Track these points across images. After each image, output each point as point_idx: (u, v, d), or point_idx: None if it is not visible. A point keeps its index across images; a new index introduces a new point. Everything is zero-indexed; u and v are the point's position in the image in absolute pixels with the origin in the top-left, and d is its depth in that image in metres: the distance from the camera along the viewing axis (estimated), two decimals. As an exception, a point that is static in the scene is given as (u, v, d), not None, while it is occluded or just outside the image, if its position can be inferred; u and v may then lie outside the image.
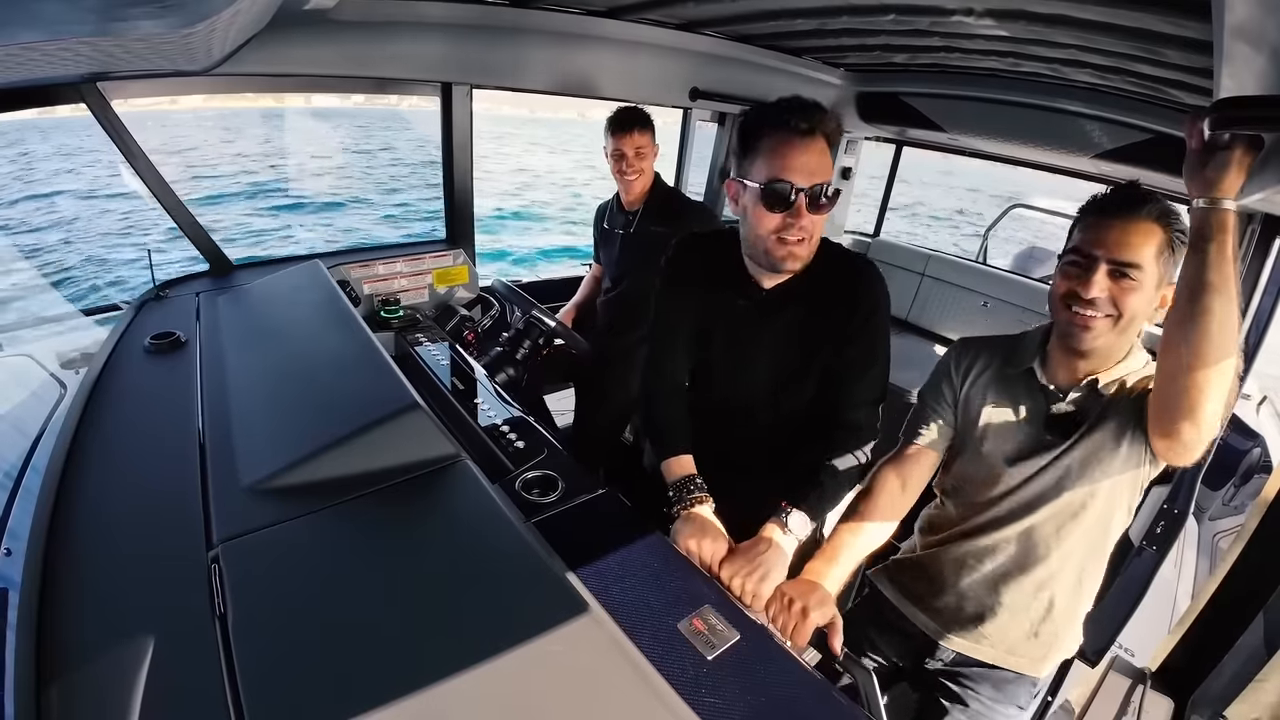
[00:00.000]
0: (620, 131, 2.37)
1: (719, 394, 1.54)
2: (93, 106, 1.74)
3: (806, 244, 1.30)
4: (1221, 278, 0.96)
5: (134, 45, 0.97)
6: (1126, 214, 1.11)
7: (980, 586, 1.39)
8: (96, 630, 0.85)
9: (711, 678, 0.93)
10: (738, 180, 1.31)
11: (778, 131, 1.24)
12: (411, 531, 1.08)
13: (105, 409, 1.35)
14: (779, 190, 1.23)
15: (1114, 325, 1.14)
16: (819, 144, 1.25)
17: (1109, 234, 1.11)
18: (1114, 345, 1.19)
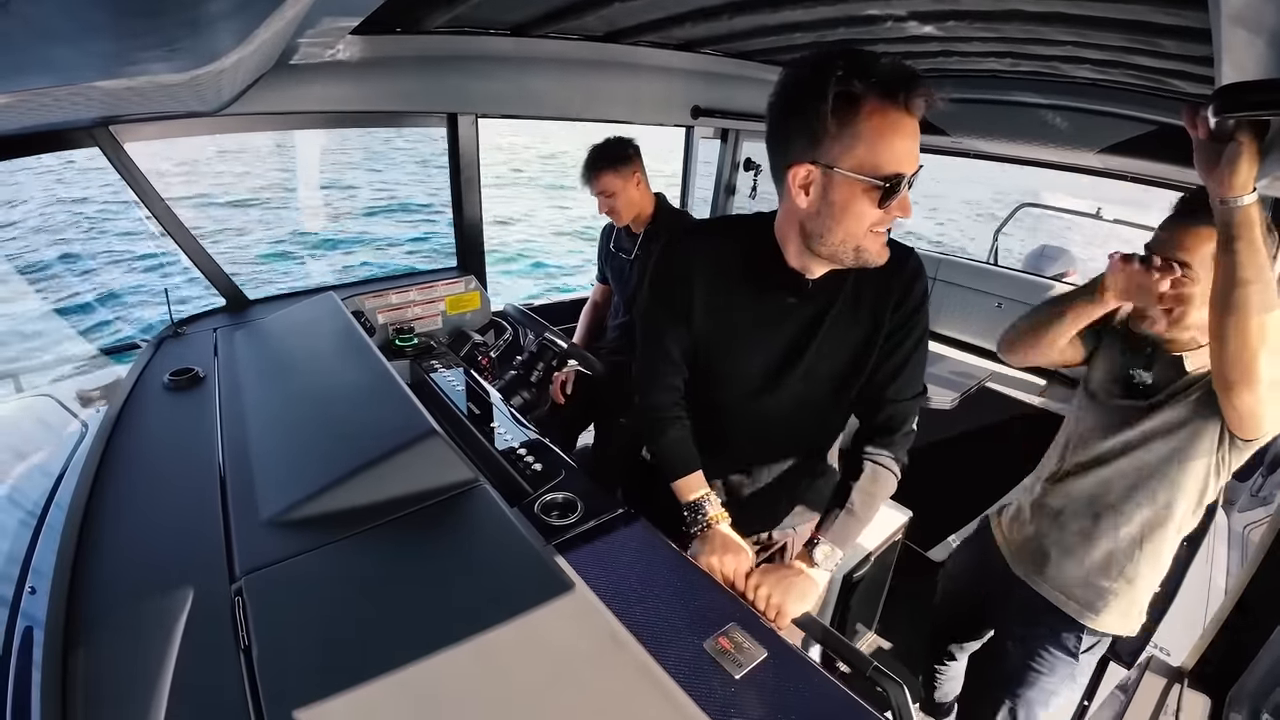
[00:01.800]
0: (591, 174, 2.43)
1: (740, 390, 1.36)
2: (105, 149, 1.78)
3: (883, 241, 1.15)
4: (1256, 270, 1.04)
5: (144, 88, 0.99)
6: (1191, 219, 1.25)
7: (1051, 527, 1.56)
8: (121, 666, 0.86)
9: (740, 697, 0.92)
10: (823, 166, 1.06)
11: (888, 108, 1.02)
12: (432, 557, 1.08)
13: (126, 446, 1.36)
14: (890, 184, 1.04)
15: (1168, 316, 1.30)
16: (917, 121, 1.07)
17: (1173, 235, 1.27)
18: (1173, 335, 1.33)
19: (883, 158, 1.02)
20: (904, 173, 1.03)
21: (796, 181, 1.11)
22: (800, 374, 1.30)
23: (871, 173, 1.03)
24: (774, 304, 1.27)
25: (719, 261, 1.29)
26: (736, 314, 1.30)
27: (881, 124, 1.02)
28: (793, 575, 1.24)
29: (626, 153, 2.44)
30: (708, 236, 1.35)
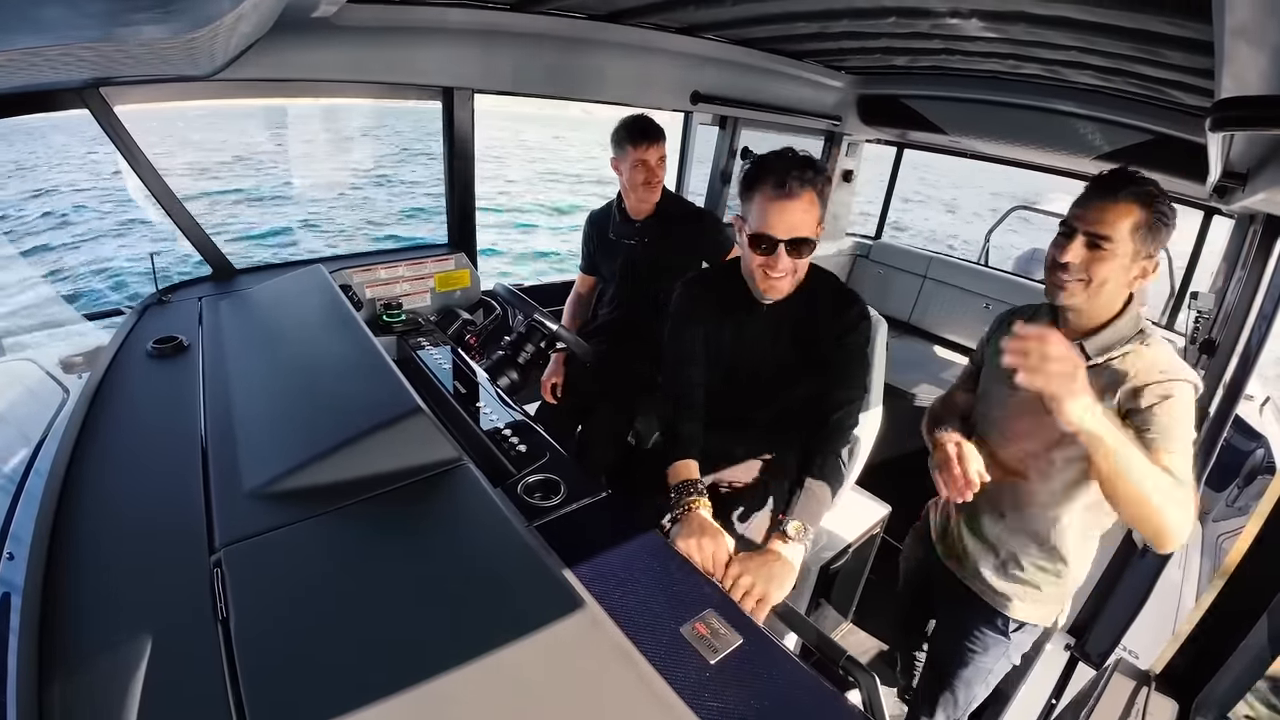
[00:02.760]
0: (644, 142, 2.27)
1: (727, 384, 1.72)
2: (95, 111, 1.75)
3: (789, 279, 1.52)
4: (1122, 469, 1.16)
5: (137, 50, 0.97)
6: (1110, 193, 1.28)
7: (964, 520, 1.66)
8: (98, 635, 0.85)
9: (715, 682, 0.93)
10: (739, 218, 1.55)
11: (766, 190, 1.45)
12: (413, 535, 1.08)
13: (108, 413, 1.35)
14: (761, 240, 1.47)
15: (1085, 288, 1.31)
16: (803, 201, 1.44)
17: (1090, 210, 1.29)
18: (1089, 307, 1.35)
19: (760, 223, 1.47)
20: (769, 234, 1.46)
21: (736, 226, 1.58)
22: (754, 373, 1.69)
23: (751, 230, 1.49)
24: (744, 320, 1.67)
25: (719, 293, 1.70)
26: (724, 329, 1.69)
27: (762, 199, 1.46)
28: (771, 560, 1.33)
29: (662, 129, 2.36)
30: (720, 273, 1.78)
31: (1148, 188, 1.26)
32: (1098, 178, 1.33)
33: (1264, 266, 2.19)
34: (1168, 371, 1.27)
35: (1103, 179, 1.31)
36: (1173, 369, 1.28)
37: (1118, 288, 1.31)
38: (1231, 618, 1.14)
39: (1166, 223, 1.26)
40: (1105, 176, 1.31)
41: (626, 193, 2.42)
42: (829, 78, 3.35)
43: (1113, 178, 1.29)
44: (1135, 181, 1.27)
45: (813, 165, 1.47)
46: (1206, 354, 2.42)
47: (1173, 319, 3.62)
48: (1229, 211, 2.84)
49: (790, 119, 3.51)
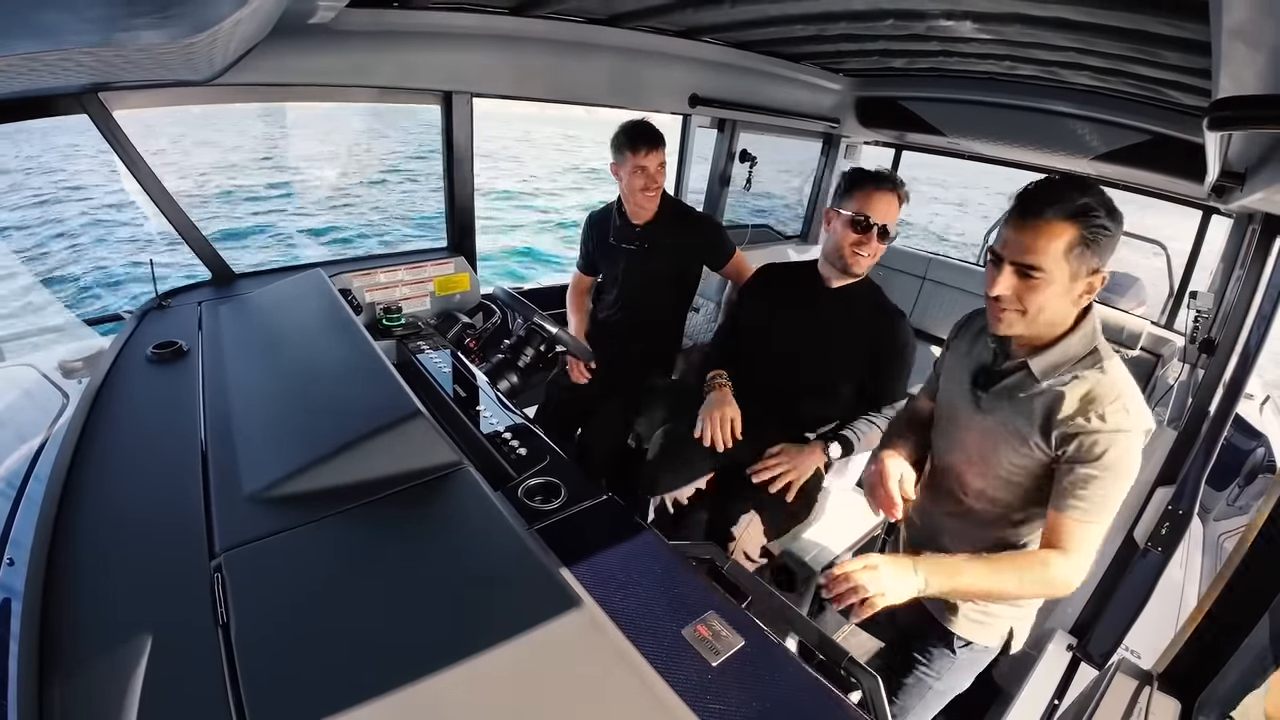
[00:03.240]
0: (644, 148, 2.27)
1: (772, 349, 2.07)
2: (94, 116, 1.75)
3: (869, 261, 1.92)
4: (988, 592, 1.31)
5: (135, 55, 0.97)
6: (1033, 217, 1.16)
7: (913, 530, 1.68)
8: (99, 640, 0.85)
9: (717, 684, 0.92)
10: (833, 210, 1.91)
11: (869, 186, 1.85)
12: (414, 539, 1.08)
13: (107, 418, 1.35)
14: (857, 221, 1.85)
15: (1023, 318, 1.23)
16: (887, 195, 1.85)
17: (1016, 236, 1.19)
18: (1032, 333, 1.27)
19: (859, 206, 1.85)
20: (867, 215, 1.84)
21: (826, 219, 1.97)
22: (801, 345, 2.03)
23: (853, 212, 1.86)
24: (809, 298, 2.04)
25: (786, 279, 2.14)
26: (784, 305, 2.07)
27: (863, 190, 1.86)
28: (806, 450, 1.93)
29: (662, 135, 2.36)
30: (791, 266, 2.17)
31: (1078, 201, 1.13)
32: (1021, 195, 1.21)
33: (1263, 265, 2.19)
34: (1115, 418, 1.18)
35: (1025, 197, 1.19)
36: (1122, 414, 1.18)
37: (1060, 310, 1.23)
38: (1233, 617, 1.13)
39: (1106, 234, 1.14)
40: (1027, 194, 1.19)
41: (626, 198, 2.41)
42: (827, 80, 3.35)
43: (1034, 196, 1.17)
44: (1061, 197, 1.14)
45: (892, 175, 1.90)
46: (1206, 353, 2.43)
47: (1172, 318, 3.62)
48: (1227, 211, 2.84)
49: (788, 121, 3.52)
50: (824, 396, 2.06)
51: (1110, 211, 1.15)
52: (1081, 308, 1.26)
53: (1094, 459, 1.20)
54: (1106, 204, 1.16)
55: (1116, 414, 1.19)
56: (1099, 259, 1.18)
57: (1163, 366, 3.23)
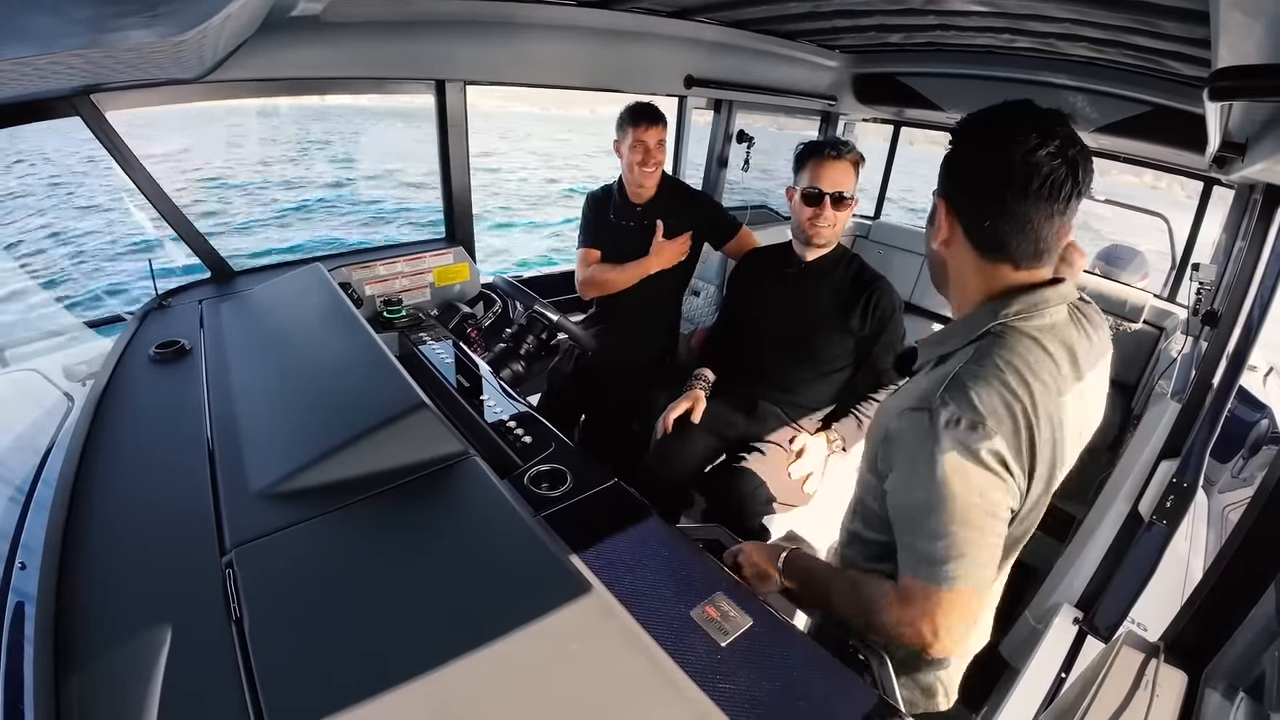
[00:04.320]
0: (644, 123, 2.32)
1: (761, 331, 2.15)
2: (87, 118, 1.74)
3: (831, 230, 2.00)
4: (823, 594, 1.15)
5: (125, 55, 0.97)
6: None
7: None
8: (113, 640, 0.86)
9: (726, 664, 0.93)
10: (791, 189, 2.02)
11: (816, 157, 1.94)
12: (422, 529, 1.09)
13: (113, 420, 1.35)
14: (810, 194, 1.96)
15: None
16: (845, 161, 1.94)
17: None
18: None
19: (811, 179, 1.96)
20: (818, 186, 1.95)
21: (788, 198, 2.08)
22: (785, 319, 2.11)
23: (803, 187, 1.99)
24: (786, 274, 2.14)
25: (770, 259, 2.22)
26: (768, 281, 2.17)
27: (812, 163, 1.97)
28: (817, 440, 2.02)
29: (663, 115, 2.39)
30: (775, 247, 2.24)
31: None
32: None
33: (1265, 236, 2.18)
34: (902, 406, 0.98)
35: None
36: (926, 400, 0.94)
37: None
38: (1239, 588, 1.14)
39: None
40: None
41: (626, 175, 2.44)
42: (823, 58, 3.32)
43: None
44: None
45: (845, 141, 1.97)
46: (1209, 325, 2.42)
47: (1175, 291, 3.61)
48: (1229, 182, 2.82)
49: (786, 100, 3.49)
50: (817, 373, 2.12)
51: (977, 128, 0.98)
52: (962, 273, 1.03)
53: (905, 486, 0.98)
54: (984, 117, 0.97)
55: (923, 419, 0.93)
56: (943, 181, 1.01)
57: (1166, 339, 3.23)
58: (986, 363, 0.93)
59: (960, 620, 0.93)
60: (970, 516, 0.90)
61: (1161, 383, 2.77)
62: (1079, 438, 1.04)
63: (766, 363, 2.14)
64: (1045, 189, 0.89)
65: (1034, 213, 0.91)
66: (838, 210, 1.96)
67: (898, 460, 0.98)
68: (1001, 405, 0.91)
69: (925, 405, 0.92)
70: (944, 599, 0.93)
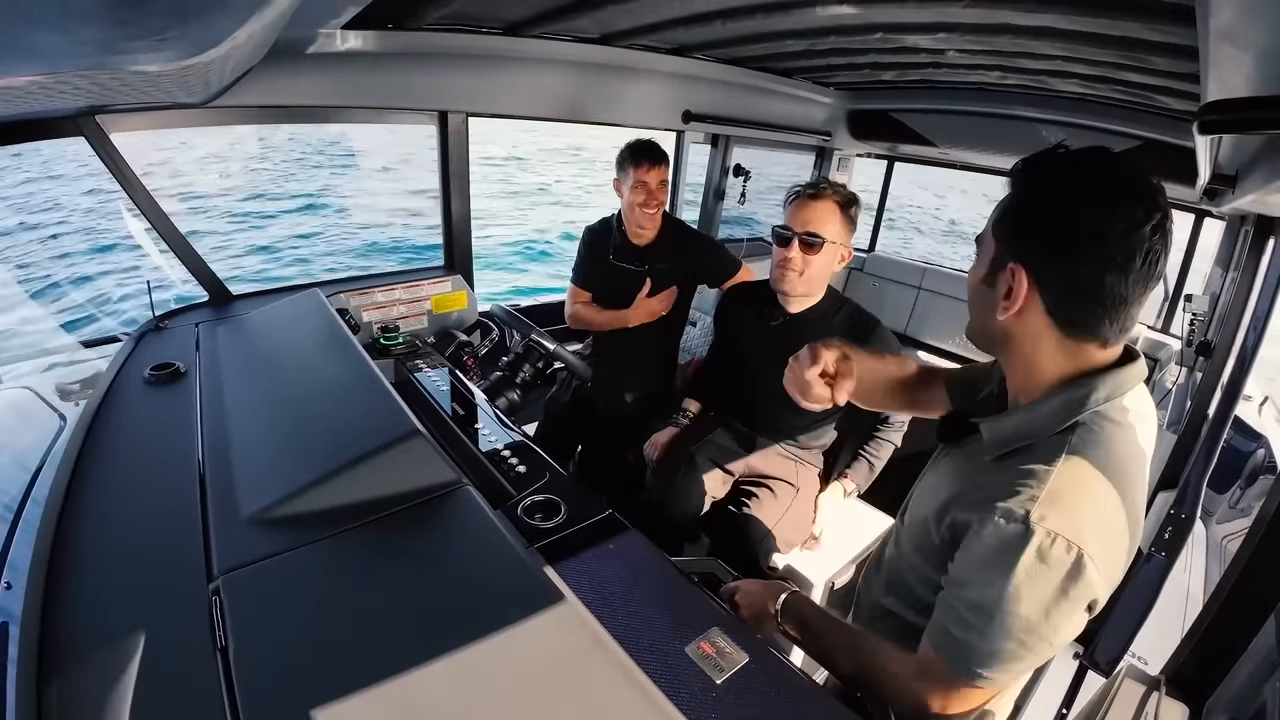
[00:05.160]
0: (646, 163, 2.27)
1: (750, 369, 2.01)
2: (90, 139, 1.75)
3: (796, 273, 1.81)
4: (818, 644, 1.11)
5: (132, 78, 0.98)
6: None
7: None
8: (98, 664, 0.84)
9: (722, 702, 0.91)
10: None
11: (793, 199, 1.82)
12: (414, 559, 1.07)
13: (105, 440, 1.34)
14: (778, 233, 1.81)
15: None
16: (821, 200, 1.77)
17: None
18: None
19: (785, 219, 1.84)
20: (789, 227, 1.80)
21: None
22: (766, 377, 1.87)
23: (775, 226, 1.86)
24: (768, 325, 1.98)
25: (751, 300, 2.07)
26: (751, 330, 2.03)
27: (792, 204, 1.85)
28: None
29: (666, 154, 2.35)
30: (756, 286, 2.12)
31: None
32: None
33: (1256, 267, 2.20)
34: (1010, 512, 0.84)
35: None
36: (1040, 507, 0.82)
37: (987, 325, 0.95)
38: (1240, 619, 1.13)
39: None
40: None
41: (626, 215, 2.41)
42: (818, 94, 3.38)
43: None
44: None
45: (831, 183, 1.81)
46: (1203, 356, 2.43)
47: (1168, 322, 3.63)
48: (1220, 213, 2.86)
49: (781, 135, 3.55)
50: (811, 417, 2.02)
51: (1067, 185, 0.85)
52: (1030, 343, 0.90)
53: (967, 581, 0.88)
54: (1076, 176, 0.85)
55: (1017, 528, 0.81)
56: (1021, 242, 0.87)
57: (1160, 370, 3.24)
58: (1089, 473, 0.83)
59: (968, 712, 0.91)
60: (1028, 640, 0.83)
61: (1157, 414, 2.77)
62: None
63: (759, 405, 2.04)
64: (1146, 267, 0.80)
65: (1132, 292, 0.81)
66: (807, 254, 1.78)
67: (969, 558, 0.88)
68: (1109, 532, 0.82)
69: (1020, 517, 0.81)
70: (964, 693, 0.89)
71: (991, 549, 0.84)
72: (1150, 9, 1.40)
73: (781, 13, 1.88)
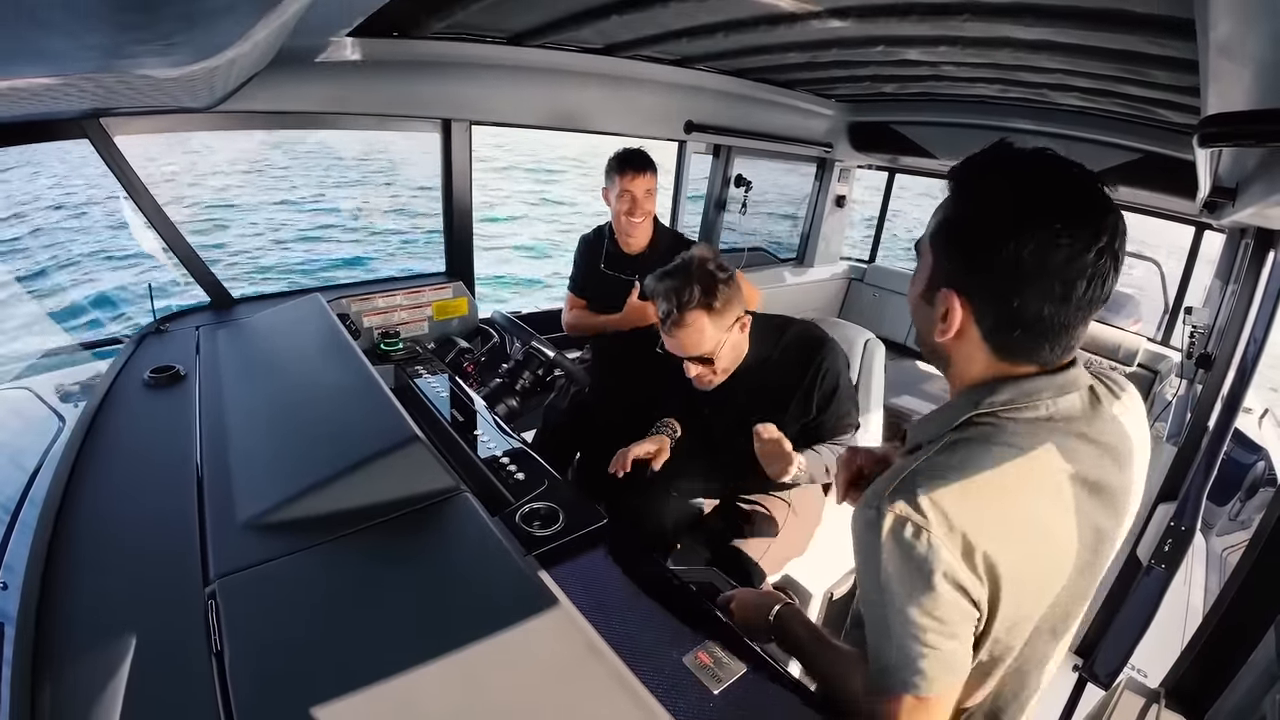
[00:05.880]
0: (632, 172, 2.25)
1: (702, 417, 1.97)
2: (95, 141, 1.76)
3: (711, 376, 1.73)
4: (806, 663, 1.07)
5: (137, 82, 0.99)
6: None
7: None
8: (92, 667, 0.84)
9: (718, 712, 0.91)
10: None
11: (662, 320, 1.65)
12: (411, 565, 1.07)
13: (104, 443, 1.34)
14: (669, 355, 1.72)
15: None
16: (686, 324, 1.61)
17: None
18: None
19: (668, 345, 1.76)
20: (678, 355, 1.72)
21: None
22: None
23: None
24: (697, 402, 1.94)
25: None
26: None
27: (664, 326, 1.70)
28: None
29: (653, 162, 2.34)
30: None
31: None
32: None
33: (1257, 279, 2.20)
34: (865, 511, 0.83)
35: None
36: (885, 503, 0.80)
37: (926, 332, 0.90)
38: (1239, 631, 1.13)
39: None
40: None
41: (614, 224, 2.41)
42: (820, 106, 3.40)
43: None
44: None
45: (689, 285, 1.59)
46: (1203, 368, 2.43)
47: (1168, 334, 3.63)
48: (1220, 226, 2.86)
49: (782, 147, 3.56)
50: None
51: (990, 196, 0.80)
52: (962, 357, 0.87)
53: (860, 580, 0.89)
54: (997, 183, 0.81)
55: (869, 515, 0.81)
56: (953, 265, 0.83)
57: (1160, 382, 3.24)
58: (950, 460, 0.81)
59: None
60: (916, 631, 0.79)
61: (1157, 426, 2.77)
62: (1095, 538, 0.88)
63: (715, 441, 1.95)
64: (1090, 292, 0.75)
65: (1075, 318, 0.77)
66: (709, 365, 1.70)
67: (857, 558, 0.86)
68: (956, 513, 0.77)
69: (874, 504, 0.80)
70: (884, 707, 0.84)
71: (859, 539, 0.84)
72: (1149, 23, 1.40)
73: (784, 25, 1.90)
